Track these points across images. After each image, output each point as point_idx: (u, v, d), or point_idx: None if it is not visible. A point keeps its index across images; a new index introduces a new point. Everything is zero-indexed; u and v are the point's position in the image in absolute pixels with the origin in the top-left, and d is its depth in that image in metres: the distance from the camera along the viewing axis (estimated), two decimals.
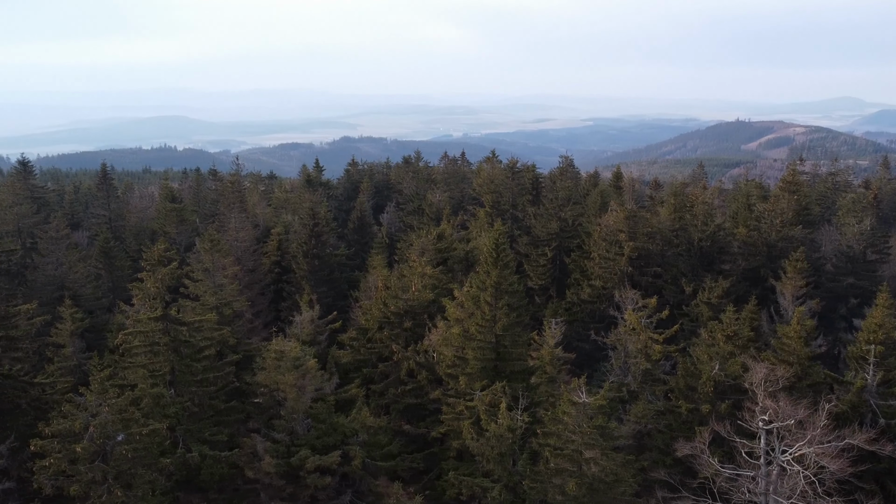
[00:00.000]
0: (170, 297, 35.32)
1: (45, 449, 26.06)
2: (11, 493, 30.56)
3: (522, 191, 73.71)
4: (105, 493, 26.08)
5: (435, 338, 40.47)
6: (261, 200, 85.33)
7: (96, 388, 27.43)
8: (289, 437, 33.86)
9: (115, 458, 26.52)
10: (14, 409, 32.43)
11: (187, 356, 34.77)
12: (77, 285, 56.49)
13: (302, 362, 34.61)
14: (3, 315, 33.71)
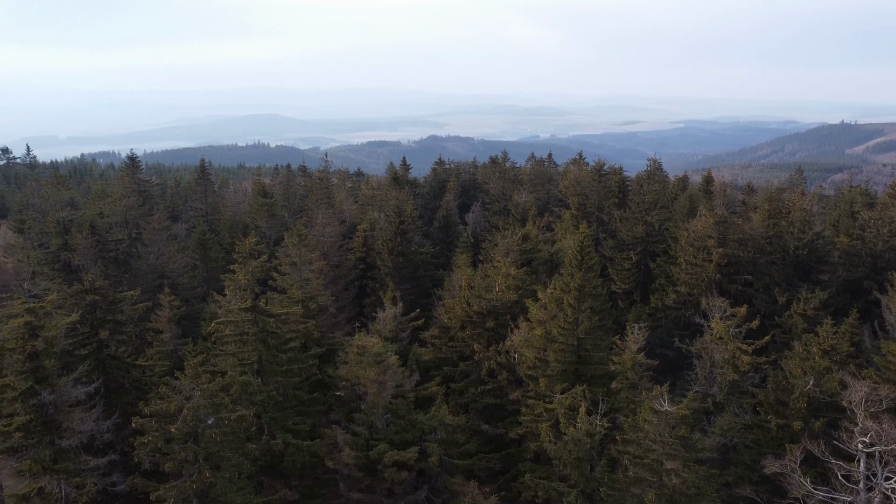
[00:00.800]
0: (259, 289, 36.64)
1: (144, 427, 27.61)
2: (116, 464, 32.68)
3: (609, 194, 72.55)
4: (196, 473, 27.38)
5: (517, 338, 40.42)
6: (348, 197, 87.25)
7: (190, 373, 28.83)
8: (368, 430, 34.61)
9: (205, 440, 27.79)
10: (118, 387, 34.58)
11: (274, 347, 36.03)
12: (175, 275, 59.45)
13: (383, 358, 35.28)
14: (112, 300, 35.87)
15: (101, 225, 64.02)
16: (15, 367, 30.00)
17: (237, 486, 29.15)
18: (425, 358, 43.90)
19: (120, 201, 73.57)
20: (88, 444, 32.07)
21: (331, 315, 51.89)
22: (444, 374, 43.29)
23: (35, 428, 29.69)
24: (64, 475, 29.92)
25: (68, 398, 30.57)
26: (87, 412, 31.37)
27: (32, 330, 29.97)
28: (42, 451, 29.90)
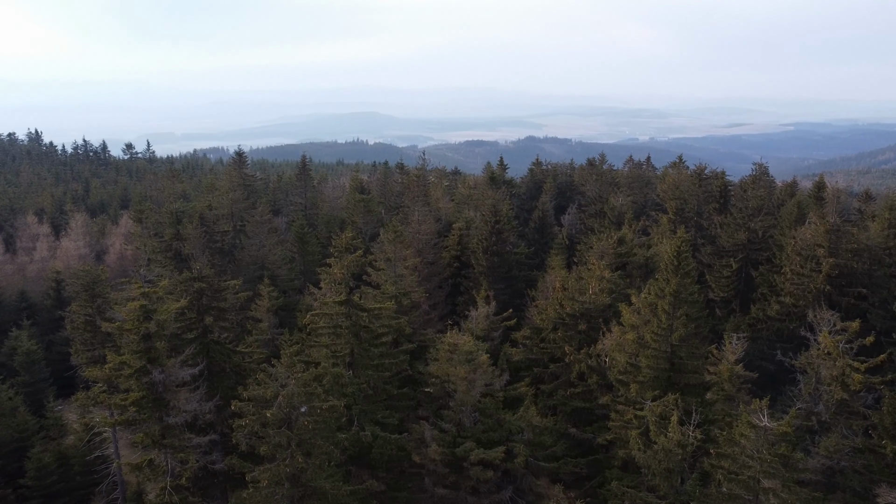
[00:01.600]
0: (353, 283, 37.61)
1: (242, 410, 28.92)
2: (216, 443, 34.40)
3: (709, 198, 70.07)
4: (288, 458, 28.41)
5: (609, 342, 39.77)
6: (444, 195, 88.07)
7: (286, 362, 29.96)
8: (456, 428, 34.89)
9: (298, 427, 28.79)
10: (220, 371, 36.33)
11: (366, 341, 36.89)
12: (274, 266, 61.82)
13: (474, 356, 35.47)
14: (216, 288, 37.70)
15: (209, 217, 67.30)
16: (131, 347, 32.04)
17: (327, 472, 30.06)
18: (516, 358, 43.83)
19: (227, 194, 77.13)
20: (192, 422, 33.87)
21: (423, 312, 52.58)
22: (534, 376, 43.09)
23: (147, 404, 31.61)
24: (170, 450, 31.72)
25: (176, 378, 32.36)
26: (191, 393, 33.11)
27: (147, 313, 31.91)
28: (152, 426, 31.81)
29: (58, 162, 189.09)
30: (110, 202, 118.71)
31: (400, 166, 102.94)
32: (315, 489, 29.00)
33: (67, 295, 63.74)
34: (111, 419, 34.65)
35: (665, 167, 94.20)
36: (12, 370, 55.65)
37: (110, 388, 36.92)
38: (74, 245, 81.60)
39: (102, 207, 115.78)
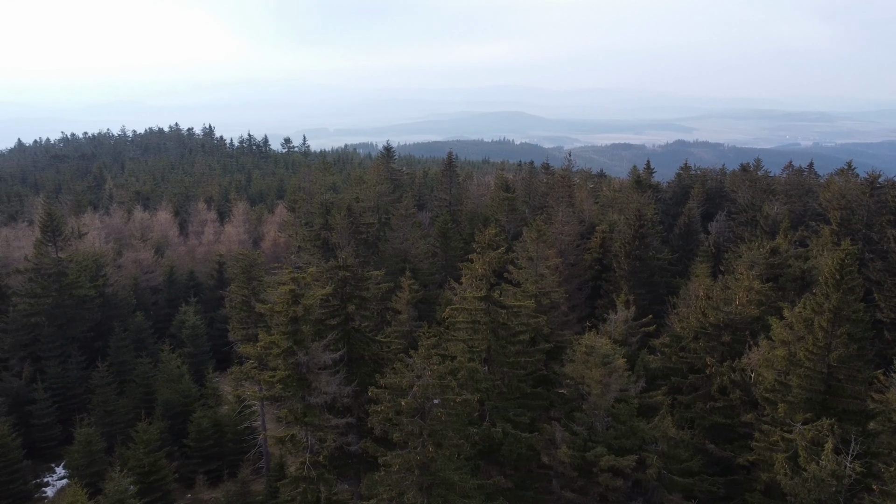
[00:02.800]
0: (494, 279, 37.72)
1: (378, 397, 29.87)
2: (352, 426, 35.85)
3: (882, 209, 63.89)
4: (420, 446, 29.00)
5: (755, 357, 37.38)
6: (588, 197, 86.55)
7: (423, 354, 30.57)
8: (587, 431, 34.18)
9: (431, 417, 29.32)
10: (359, 358, 37.74)
11: (503, 338, 36.92)
12: (417, 260, 63.34)
13: (611, 360, 34.60)
14: (360, 278, 39.15)
15: (356, 208, 70.01)
16: (280, 328, 34.00)
17: (455, 465, 30.40)
18: (653, 365, 42.28)
19: (374, 188, 79.95)
20: (331, 404, 35.43)
21: (562, 313, 51.95)
22: (672, 385, 41.33)
23: (291, 383, 33.41)
24: (311, 428, 33.34)
25: (318, 361, 33.95)
26: (332, 376, 34.61)
27: (295, 297, 33.71)
28: (295, 404, 33.58)
29: (226, 154, 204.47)
30: (268, 192, 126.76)
31: (545, 166, 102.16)
32: (443, 479, 29.42)
33: (228, 276, 68.82)
34: (260, 394, 36.95)
35: (830, 174, 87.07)
36: (180, 341, 60.88)
37: (260, 365, 39.36)
38: (236, 231, 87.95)
39: (261, 197, 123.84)
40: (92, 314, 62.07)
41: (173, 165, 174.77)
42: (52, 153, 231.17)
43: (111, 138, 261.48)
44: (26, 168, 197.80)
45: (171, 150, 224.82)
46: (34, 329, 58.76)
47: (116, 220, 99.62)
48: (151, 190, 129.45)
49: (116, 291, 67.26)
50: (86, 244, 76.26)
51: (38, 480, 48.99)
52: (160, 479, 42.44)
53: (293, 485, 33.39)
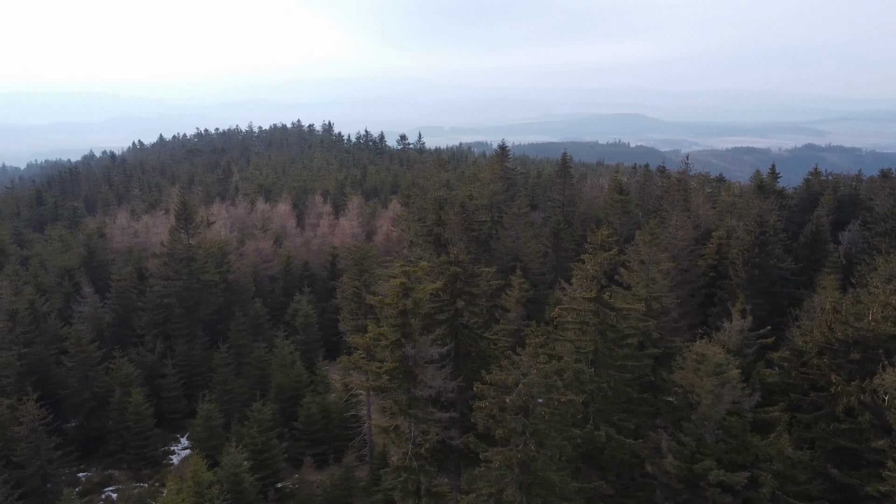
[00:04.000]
0: (605, 281, 37.03)
1: (483, 393, 30.02)
2: (455, 421, 36.22)
3: None
4: (522, 444, 28.93)
5: (890, 378, 34.71)
6: (705, 202, 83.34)
7: (529, 352, 30.45)
8: (695, 442, 32.93)
9: (534, 416, 29.16)
10: (466, 354, 38.05)
11: (611, 340, 36.19)
12: (527, 259, 63.14)
13: (724, 370, 33.17)
14: (470, 274, 39.43)
15: (469, 206, 70.61)
16: (389, 320, 34.82)
17: (556, 465, 30.10)
18: (770, 380, 40.11)
19: (488, 186, 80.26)
20: (436, 398, 35.92)
21: (672, 319, 50.32)
22: (790, 402, 39.04)
23: (398, 375, 34.18)
24: (414, 420, 33.99)
25: (425, 355, 34.52)
26: (438, 370, 35.09)
27: (406, 290, 34.43)
28: (401, 396, 34.33)
29: (343, 150, 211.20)
30: (382, 187, 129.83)
31: (661, 169, 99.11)
32: (543, 479, 29.21)
33: (340, 268, 71.14)
34: (367, 384, 37.97)
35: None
36: (294, 329, 63.54)
37: (368, 355, 40.42)
38: (350, 224, 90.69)
39: (375, 192, 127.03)
40: (216, 298, 65.95)
41: (294, 160, 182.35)
42: (187, 147, 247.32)
43: (239, 134, 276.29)
44: (165, 161, 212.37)
45: (293, 145, 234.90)
46: (166, 309, 63.16)
47: (241, 211, 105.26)
48: (273, 183, 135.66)
49: (238, 278, 71.09)
50: (213, 232, 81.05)
51: (166, 448, 52.80)
52: (271, 457, 44.54)
53: (395, 474, 34.17)
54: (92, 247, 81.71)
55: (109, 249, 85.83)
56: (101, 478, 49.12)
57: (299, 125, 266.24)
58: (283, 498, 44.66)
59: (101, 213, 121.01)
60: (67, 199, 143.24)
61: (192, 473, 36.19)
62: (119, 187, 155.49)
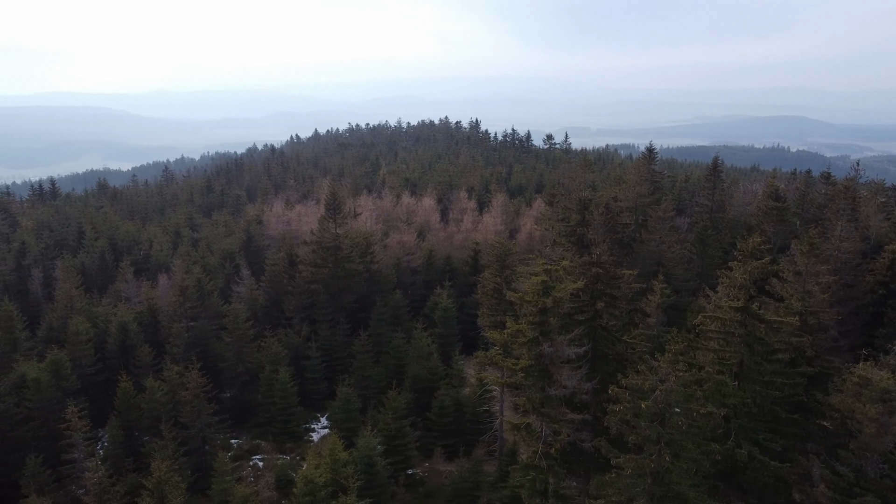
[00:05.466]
0: (754, 291, 35.09)
1: (618, 396, 29.38)
2: (587, 423, 35.72)
3: None
4: (656, 454, 28.04)
5: None
6: (877, 212, 76.38)
7: (668, 359, 29.42)
8: (854, 474, 30.45)
9: (670, 425, 28.17)
10: (602, 356, 37.39)
11: (759, 353, 34.21)
12: (671, 264, 60.93)
13: (892, 397, 30.44)
14: (612, 276, 38.67)
15: (613, 207, 69.09)
16: (528, 318, 34.84)
17: (692, 480, 28.90)
18: None
19: (633, 188, 78.15)
20: (569, 399, 35.54)
21: (831, 337, 46.68)
22: None
23: (533, 372, 34.14)
24: (547, 419, 33.83)
25: (562, 354, 34.25)
26: (573, 371, 34.70)
27: (546, 288, 34.31)
28: (534, 394, 34.28)
29: (489, 148, 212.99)
30: (527, 186, 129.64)
31: (826, 176, 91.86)
32: (676, 492, 28.15)
33: (482, 264, 71.90)
34: (501, 380, 38.25)
35: None
36: (432, 322, 65.04)
37: (505, 352, 40.65)
38: (493, 221, 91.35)
39: (520, 190, 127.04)
40: (359, 287, 68.79)
41: (440, 156, 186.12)
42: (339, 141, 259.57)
43: (388, 129, 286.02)
44: (318, 154, 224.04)
45: (440, 141, 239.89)
46: (313, 295, 66.69)
47: (386, 204, 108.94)
48: (419, 177, 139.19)
49: (381, 269, 73.71)
50: (359, 223, 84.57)
51: (307, 425, 55.87)
52: (403, 444, 45.94)
53: (523, 472, 34.18)
54: (251, 232, 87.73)
55: (265, 235, 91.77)
56: (250, 446, 52.82)
57: (446, 122, 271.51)
58: (413, 484, 45.93)
59: (260, 201, 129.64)
60: (232, 187, 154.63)
61: (329, 451, 38.12)
62: (276, 178, 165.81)
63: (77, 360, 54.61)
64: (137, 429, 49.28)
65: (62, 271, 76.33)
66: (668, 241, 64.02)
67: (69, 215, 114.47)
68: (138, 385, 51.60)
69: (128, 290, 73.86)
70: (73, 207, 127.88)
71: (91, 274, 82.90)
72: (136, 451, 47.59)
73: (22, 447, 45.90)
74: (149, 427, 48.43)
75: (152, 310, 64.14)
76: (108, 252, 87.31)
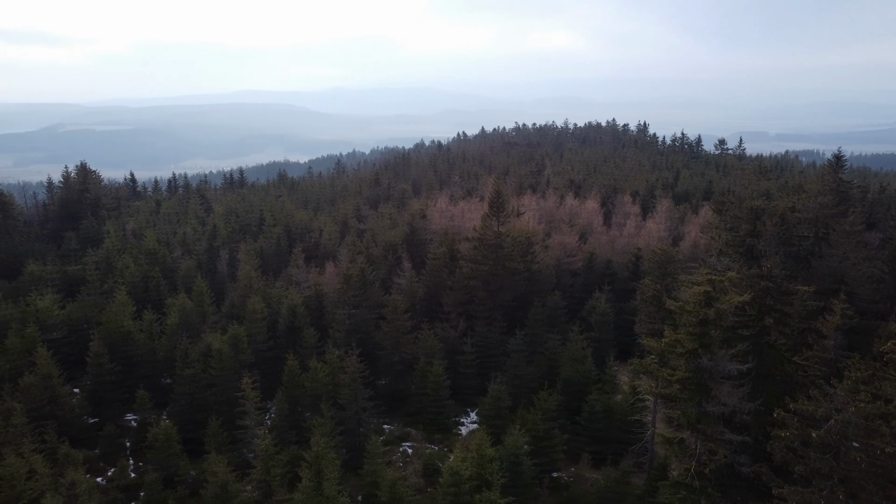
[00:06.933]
0: None
1: (785, 421, 27.36)
2: (747, 446, 33.56)
3: None
4: (827, 490, 25.80)
5: None
6: None
7: (847, 387, 26.93)
8: None
9: (847, 460, 25.80)
10: (768, 376, 35.03)
11: None
12: (856, 283, 55.64)
13: None
14: (784, 291, 36.17)
15: (790, 218, 64.34)
16: (687, 328, 33.37)
17: None
18: None
19: (814, 198, 72.17)
20: (728, 417, 33.59)
21: None
22: None
23: (690, 385, 32.66)
24: (702, 436, 32.19)
25: (722, 370, 32.45)
26: (734, 388, 32.77)
27: (708, 300, 32.66)
28: (690, 408, 32.76)
29: (656, 152, 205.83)
30: (694, 192, 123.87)
31: None
32: None
33: (643, 270, 69.65)
34: (655, 390, 36.90)
35: None
36: (588, 325, 63.96)
37: (661, 361, 39.18)
38: (656, 227, 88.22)
39: (686, 196, 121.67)
40: (518, 286, 68.99)
41: (606, 158, 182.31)
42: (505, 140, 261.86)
43: (554, 130, 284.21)
44: (484, 152, 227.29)
45: (606, 143, 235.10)
46: (471, 291, 67.78)
47: (549, 204, 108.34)
48: (583, 179, 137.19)
49: (541, 269, 73.45)
50: (521, 222, 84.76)
51: (457, 419, 56.98)
52: (550, 446, 45.53)
53: (673, 489, 32.76)
54: (414, 226, 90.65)
55: (428, 230, 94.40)
56: (401, 432, 54.71)
57: (613, 124, 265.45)
58: (558, 488, 45.40)
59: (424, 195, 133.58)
60: (399, 181, 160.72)
61: (476, 446, 38.62)
62: (442, 174, 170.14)
63: (253, 336, 59.35)
64: (300, 405, 52.63)
65: (244, 254, 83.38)
66: (854, 257, 58.44)
67: (253, 203, 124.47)
68: (303, 364, 55.16)
69: (298, 274, 78.97)
70: (256, 196, 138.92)
71: (268, 257, 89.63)
72: (298, 426, 50.86)
73: (206, 409, 51.45)
74: (310, 404, 51.58)
75: (319, 295, 68.18)
76: (283, 238, 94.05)
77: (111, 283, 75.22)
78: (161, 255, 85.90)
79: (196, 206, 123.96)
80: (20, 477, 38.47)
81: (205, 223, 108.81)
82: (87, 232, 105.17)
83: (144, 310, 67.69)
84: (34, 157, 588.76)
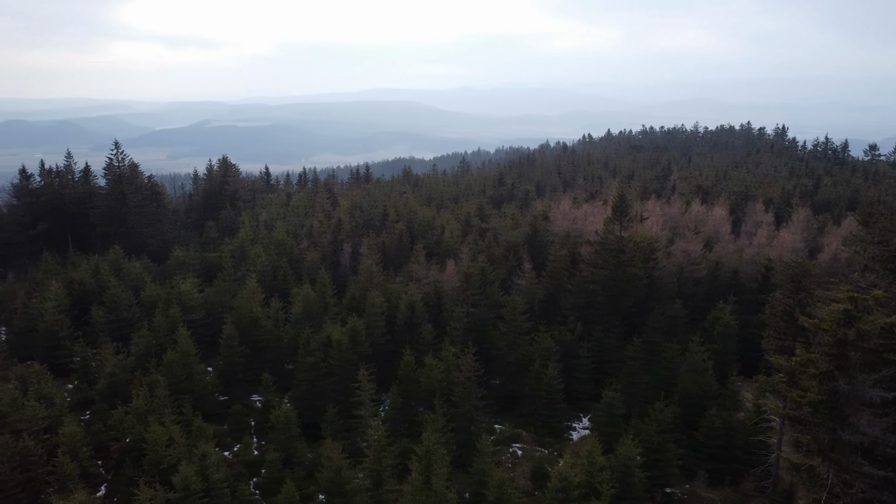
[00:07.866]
0: None
1: None
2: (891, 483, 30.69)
3: None
4: None
5: None
6: None
7: None
8: None
9: None
10: None
11: None
12: None
13: None
14: None
15: None
16: (822, 348, 31.09)
17: None
18: None
19: None
20: (868, 448, 30.95)
21: None
22: None
23: (822, 410, 30.42)
24: (835, 466, 29.90)
25: (862, 396, 29.99)
26: (876, 417, 30.20)
27: (848, 319, 30.27)
28: (822, 435, 30.51)
29: (795, 157, 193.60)
30: (837, 202, 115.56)
31: None
32: None
33: (773, 282, 65.77)
34: (783, 411, 34.59)
35: None
36: (710, 337, 61.13)
37: (790, 381, 36.71)
38: (791, 237, 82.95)
39: (827, 206, 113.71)
40: (637, 292, 67.02)
41: (737, 163, 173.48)
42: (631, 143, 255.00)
43: (683, 133, 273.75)
44: (609, 155, 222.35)
45: (738, 147, 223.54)
46: (591, 295, 66.56)
47: (674, 210, 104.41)
48: (712, 185, 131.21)
49: (662, 276, 70.98)
50: (644, 228, 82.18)
51: (569, 423, 56.16)
52: (664, 460, 43.86)
53: None
54: (536, 227, 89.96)
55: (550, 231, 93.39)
56: (511, 433, 54.49)
57: (748, 127, 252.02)
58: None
59: (547, 197, 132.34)
60: (522, 182, 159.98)
61: (587, 453, 37.82)
62: (566, 175, 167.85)
63: (371, 330, 61.00)
64: (413, 399, 53.60)
65: (367, 248, 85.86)
66: None
67: (377, 198, 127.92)
68: (418, 360, 56.11)
69: (418, 270, 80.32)
70: (381, 191, 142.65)
71: (390, 252, 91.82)
72: (411, 420, 51.79)
73: (324, 396, 53.72)
74: (423, 399, 52.39)
75: (438, 292, 69.06)
76: (405, 234, 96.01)
77: (244, 271, 79.93)
78: (289, 247, 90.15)
79: (323, 200, 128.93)
80: (162, 443, 41.81)
81: (330, 216, 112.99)
82: (226, 221, 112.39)
83: (272, 297, 71.36)
84: (184, 151, 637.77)
